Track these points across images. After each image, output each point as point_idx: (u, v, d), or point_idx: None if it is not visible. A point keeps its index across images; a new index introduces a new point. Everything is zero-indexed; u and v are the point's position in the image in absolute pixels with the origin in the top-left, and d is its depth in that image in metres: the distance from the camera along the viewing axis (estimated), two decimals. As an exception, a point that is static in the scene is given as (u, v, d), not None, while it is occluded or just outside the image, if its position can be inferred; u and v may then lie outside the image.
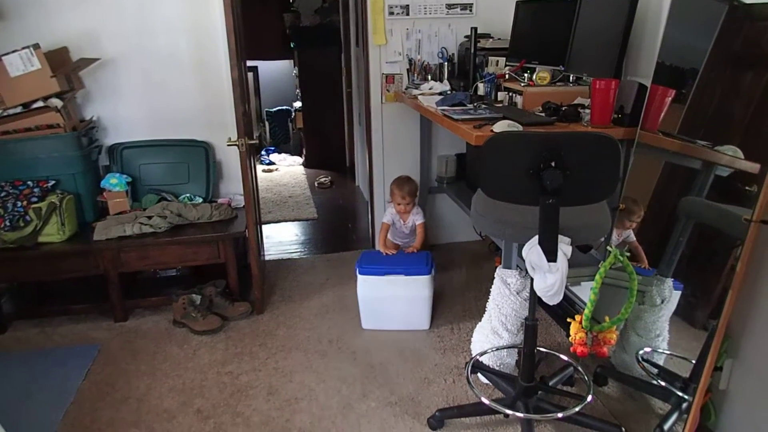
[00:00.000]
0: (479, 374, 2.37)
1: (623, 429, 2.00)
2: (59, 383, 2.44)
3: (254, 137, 2.94)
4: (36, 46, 2.79)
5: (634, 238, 2.39)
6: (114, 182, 3.07)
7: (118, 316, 2.96)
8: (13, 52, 2.77)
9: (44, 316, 3.00)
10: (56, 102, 2.87)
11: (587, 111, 2.42)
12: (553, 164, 1.59)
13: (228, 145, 2.78)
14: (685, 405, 1.99)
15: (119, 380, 2.47)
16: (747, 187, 1.86)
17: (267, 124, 7.32)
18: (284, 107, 7.30)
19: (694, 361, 2.02)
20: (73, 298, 3.03)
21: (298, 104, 6.77)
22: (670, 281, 2.16)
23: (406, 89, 3.49)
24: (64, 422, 2.21)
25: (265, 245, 3.84)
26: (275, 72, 7.49)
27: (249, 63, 4.65)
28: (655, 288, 2.18)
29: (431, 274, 2.74)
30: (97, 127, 3.21)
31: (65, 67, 2.95)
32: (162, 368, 2.56)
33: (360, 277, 2.75)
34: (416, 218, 3.09)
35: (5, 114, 2.84)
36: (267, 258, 3.76)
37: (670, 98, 2.19)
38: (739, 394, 1.92)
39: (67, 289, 3.12)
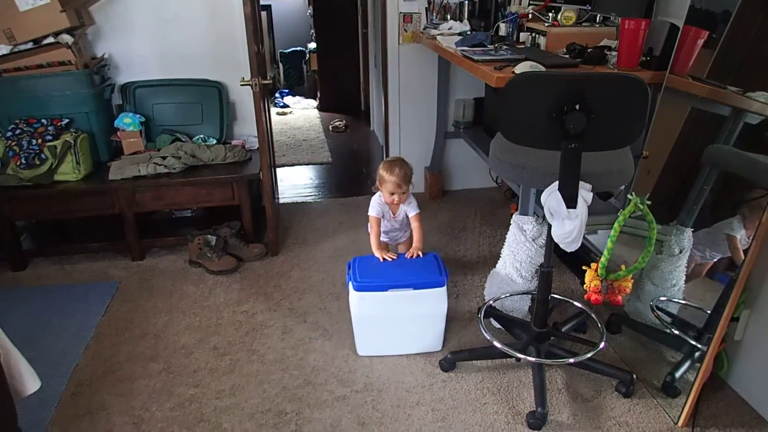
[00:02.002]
0: (492, 319, 2.38)
1: (634, 375, 2.02)
2: (80, 318, 2.50)
3: (268, 78, 2.87)
4: (44, -21, 2.72)
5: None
6: (128, 122, 3.05)
7: (135, 255, 3.00)
8: (22, -16, 2.71)
9: (63, 254, 3.05)
10: (67, 38, 2.82)
11: (614, 53, 2.32)
12: (577, 107, 1.54)
13: (241, 85, 2.72)
14: (697, 354, 1.99)
15: (137, 317, 2.53)
16: (776, 136, 1.79)
17: (281, 65, 7.19)
18: (298, 48, 7.14)
19: (709, 311, 2.01)
20: (90, 236, 3.06)
21: (312, 45, 6.62)
22: (689, 231, 2.12)
23: (424, 29, 3.37)
24: (85, 356, 2.28)
25: (279, 188, 3.83)
26: (289, 11, 7.30)
27: (262, 1, 4.51)
28: (674, 237, 2.15)
29: (446, 284, 2.20)
30: (109, 65, 3.16)
31: (75, 2, 2.88)
32: (179, 306, 2.60)
33: (355, 294, 2.15)
34: (409, 209, 2.43)
35: (16, 50, 2.80)
36: (281, 201, 3.76)
37: (702, 40, 2.09)
38: (754, 345, 1.92)
39: (84, 227, 3.15)
